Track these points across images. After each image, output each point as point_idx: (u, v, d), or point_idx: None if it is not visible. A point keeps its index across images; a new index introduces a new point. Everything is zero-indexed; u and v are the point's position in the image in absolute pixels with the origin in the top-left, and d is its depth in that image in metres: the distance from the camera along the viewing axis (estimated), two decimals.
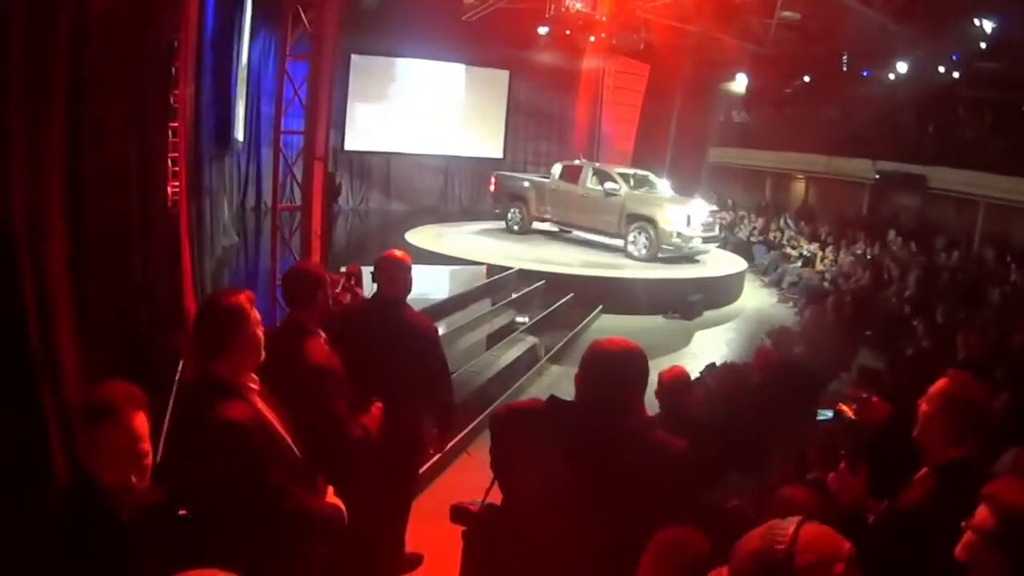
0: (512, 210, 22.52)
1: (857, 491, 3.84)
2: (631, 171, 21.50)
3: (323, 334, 4.90)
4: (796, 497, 2.82)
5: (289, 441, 3.61)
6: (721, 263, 20.74)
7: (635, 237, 19.40)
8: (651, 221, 19.09)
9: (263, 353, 3.59)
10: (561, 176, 21.45)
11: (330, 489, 3.83)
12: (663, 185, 21.25)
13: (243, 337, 3.50)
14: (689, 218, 18.98)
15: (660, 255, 18.98)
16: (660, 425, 5.34)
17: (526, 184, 22.36)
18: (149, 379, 6.42)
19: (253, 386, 3.58)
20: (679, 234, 18.81)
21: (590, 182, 20.66)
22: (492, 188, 23.40)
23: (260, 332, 3.58)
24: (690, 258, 19.47)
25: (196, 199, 11.35)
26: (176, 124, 9.56)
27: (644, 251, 19.21)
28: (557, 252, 19.93)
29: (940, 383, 3.60)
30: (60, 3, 4.63)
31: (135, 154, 6.36)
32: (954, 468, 3.42)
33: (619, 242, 19.95)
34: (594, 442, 3.17)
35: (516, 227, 22.35)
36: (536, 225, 22.17)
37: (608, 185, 20.34)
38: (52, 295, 4.63)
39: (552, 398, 3.44)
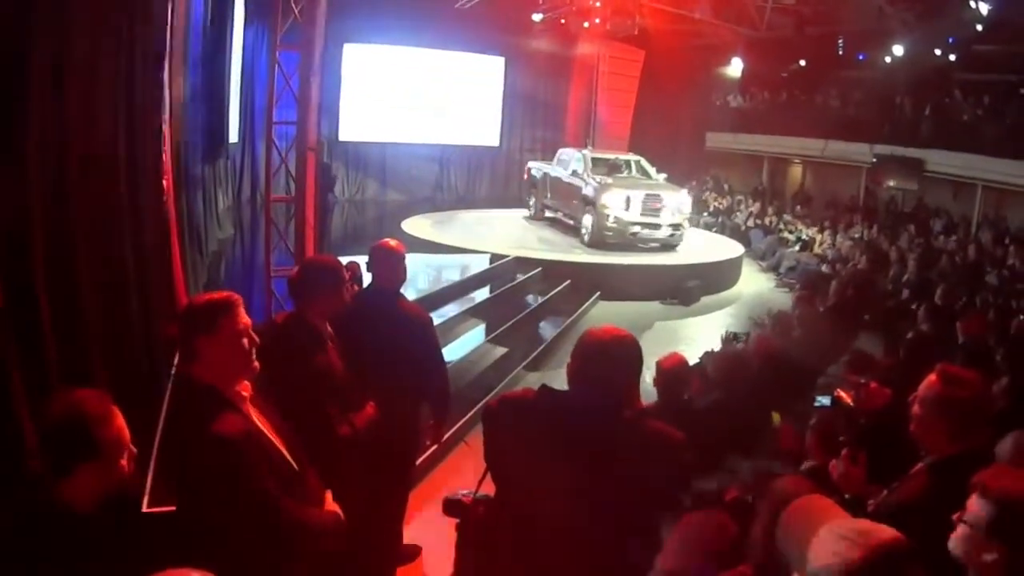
0: (531, 198, 22.85)
1: (858, 480, 3.80)
2: (611, 156, 21.38)
3: (329, 329, 4.87)
4: (794, 488, 2.78)
5: (283, 450, 3.52)
6: (718, 248, 20.71)
7: (585, 220, 19.28)
8: (593, 204, 18.91)
9: (255, 363, 3.45)
10: (558, 163, 21.43)
11: (328, 494, 3.77)
12: (653, 171, 21.05)
13: (219, 345, 3.33)
14: (628, 201, 18.50)
15: (610, 240, 18.63)
16: (659, 412, 5.32)
17: (539, 173, 22.46)
18: (143, 371, 6.42)
19: (245, 393, 3.45)
20: (616, 218, 18.45)
21: (572, 167, 20.64)
22: (525, 176, 23.62)
23: (246, 342, 3.40)
24: (669, 247, 19.08)
25: (185, 192, 11.30)
26: (166, 117, 9.49)
27: (588, 235, 19.07)
28: (557, 239, 19.98)
29: (929, 383, 3.57)
30: None
31: (125, 146, 6.32)
32: (948, 464, 3.40)
33: None
34: (587, 432, 3.13)
35: (531, 214, 22.67)
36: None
37: (575, 169, 20.37)
38: (42, 286, 4.59)
39: (544, 387, 3.39)
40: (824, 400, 5.73)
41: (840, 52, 23.71)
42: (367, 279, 5.96)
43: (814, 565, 2.11)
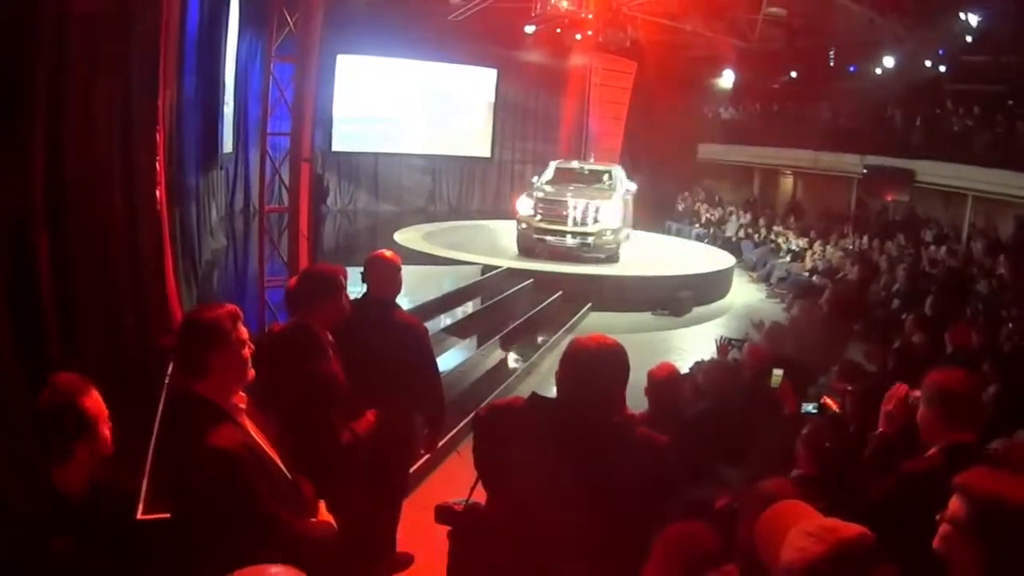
0: None
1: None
2: (576, 165, 21.51)
3: (330, 337, 4.91)
4: (777, 490, 2.83)
5: (278, 460, 3.54)
6: (709, 259, 20.76)
7: None
8: None
9: (250, 372, 3.47)
10: None
11: (322, 504, 3.79)
12: (617, 181, 20.49)
13: (224, 359, 3.36)
14: (535, 206, 18.56)
15: (524, 246, 18.81)
16: (649, 420, 5.37)
17: None
18: (138, 381, 6.44)
19: (241, 405, 3.47)
20: (526, 224, 18.60)
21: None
22: None
23: (246, 352, 3.44)
24: (612, 260, 18.71)
25: (179, 203, 11.32)
26: (159, 127, 9.52)
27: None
28: None
29: (931, 377, 3.81)
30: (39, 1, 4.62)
31: (120, 157, 6.35)
32: (962, 448, 3.62)
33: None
34: (575, 439, 3.18)
35: None
36: None
37: (533, 179, 20.53)
38: (39, 295, 4.62)
39: (533, 395, 3.44)
40: (810, 407, 5.78)
41: (831, 64, 23.81)
42: (356, 287, 5.99)
43: (781, 562, 2.16)
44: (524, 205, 18.80)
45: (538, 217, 18.50)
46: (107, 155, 6.03)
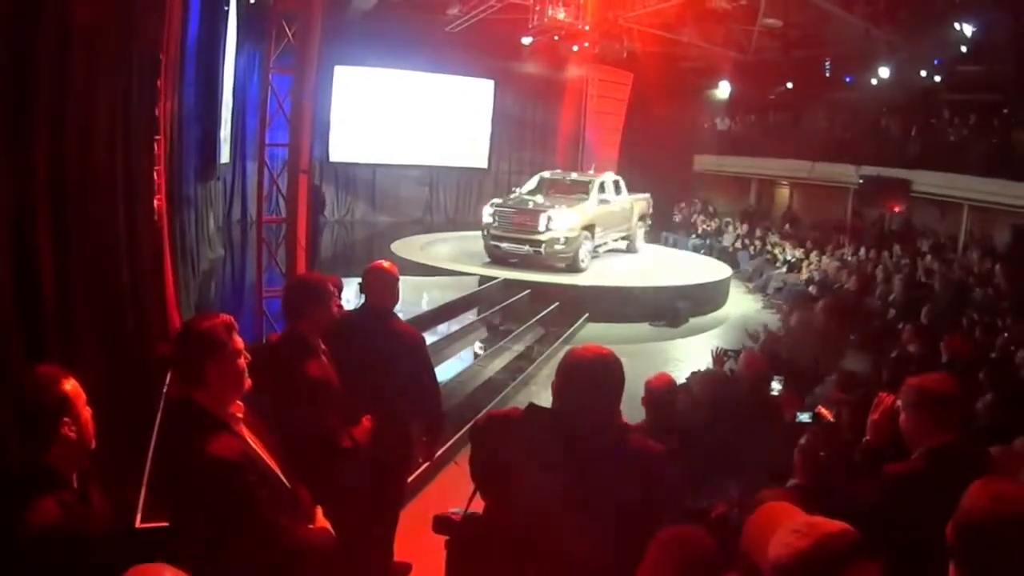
0: None
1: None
2: (560, 176, 21.59)
3: (323, 345, 4.94)
4: (775, 501, 2.86)
5: (276, 469, 3.56)
6: (706, 270, 20.78)
7: None
8: None
9: (247, 381, 3.49)
10: None
11: (319, 511, 3.81)
12: (595, 189, 20.20)
13: (220, 369, 3.38)
14: (494, 216, 18.80)
15: (490, 254, 19.06)
16: (646, 430, 5.39)
17: None
18: (136, 390, 6.46)
19: (239, 415, 3.49)
20: (488, 232, 18.83)
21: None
22: None
23: (241, 362, 3.45)
24: (574, 269, 18.48)
25: (178, 212, 11.35)
26: (159, 137, 9.55)
27: None
28: None
29: (909, 383, 3.94)
30: (42, 11, 4.65)
31: (121, 165, 6.37)
32: (944, 449, 3.69)
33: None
34: (572, 449, 3.19)
35: None
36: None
37: (515, 189, 20.82)
38: (40, 302, 4.64)
39: (531, 406, 3.47)
40: (804, 417, 5.80)
41: (827, 74, 23.85)
42: (360, 299, 6.02)
43: (769, 559, 2.20)
44: (485, 213, 19.06)
45: (495, 224, 18.72)
46: (108, 164, 6.06)
